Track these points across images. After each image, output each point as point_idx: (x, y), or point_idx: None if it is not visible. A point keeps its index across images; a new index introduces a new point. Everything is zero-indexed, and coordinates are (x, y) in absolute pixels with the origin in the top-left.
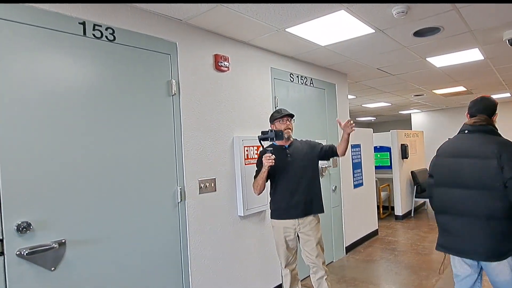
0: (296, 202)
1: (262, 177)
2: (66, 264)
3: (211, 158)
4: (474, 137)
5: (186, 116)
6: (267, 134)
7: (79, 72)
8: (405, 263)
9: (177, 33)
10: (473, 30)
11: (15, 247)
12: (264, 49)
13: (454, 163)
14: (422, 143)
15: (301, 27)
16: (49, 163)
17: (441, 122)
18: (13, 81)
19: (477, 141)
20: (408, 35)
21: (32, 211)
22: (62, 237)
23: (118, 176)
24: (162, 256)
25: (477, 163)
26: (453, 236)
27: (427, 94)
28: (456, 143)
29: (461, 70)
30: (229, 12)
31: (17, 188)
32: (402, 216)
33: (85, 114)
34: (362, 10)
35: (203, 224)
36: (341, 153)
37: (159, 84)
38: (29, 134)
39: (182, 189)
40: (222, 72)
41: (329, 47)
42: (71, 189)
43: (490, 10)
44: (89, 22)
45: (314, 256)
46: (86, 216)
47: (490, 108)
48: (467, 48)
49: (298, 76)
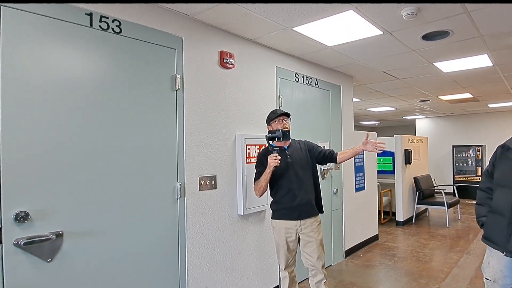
0: (298, 203)
1: (265, 179)
2: (62, 255)
3: (212, 155)
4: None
5: (189, 111)
6: (275, 133)
7: (84, 63)
8: (405, 270)
9: (184, 28)
10: (483, 35)
11: (13, 236)
12: (270, 48)
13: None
14: (426, 149)
15: (308, 26)
16: (50, 153)
17: (446, 128)
18: (17, 70)
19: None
20: (417, 38)
21: (30, 201)
22: (60, 228)
23: (118, 170)
24: (159, 252)
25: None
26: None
27: (432, 100)
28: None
29: (469, 77)
30: (236, 8)
31: (17, 177)
32: (403, 222)
33: (87, 105)
34: (371, 10)
35: (201, 222)
36: (341, 161)
37: (163, 79)
38: (31, 124)
39: (182, 185)
40: (227, 69)
41: (336, 47)
42: (71, 180)
43: (502, 15)
44: (96, 13)
45: (314, 258)
46: (84, 208)
47: None
48: (476, 54)
49: (303, 77)
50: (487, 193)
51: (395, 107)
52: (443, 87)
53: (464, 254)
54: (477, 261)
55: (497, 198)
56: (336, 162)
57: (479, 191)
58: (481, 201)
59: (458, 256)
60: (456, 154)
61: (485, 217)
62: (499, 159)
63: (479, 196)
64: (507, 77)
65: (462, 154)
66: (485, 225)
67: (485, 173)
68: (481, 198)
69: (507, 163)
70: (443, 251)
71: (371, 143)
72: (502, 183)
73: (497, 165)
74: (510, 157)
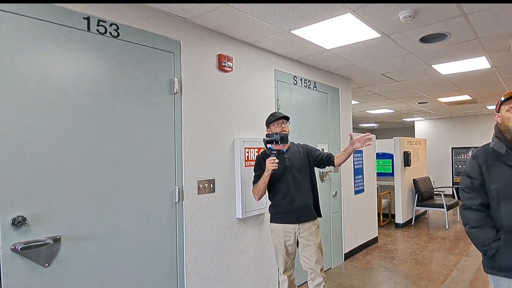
0: (296, 206)
1: (264, 182)
2: (60, 260)
3: (211, 159)
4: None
5: (187, 115)
6: (273, 137)
7: (82, 67)
8: (404, 273)
9: (182, 32)
10: (481, 38)
11: (10, 241)
12: (269, 51)
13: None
14: (425, 151)
15: (306, 29)
16: (47, 158)
17: (445, 130)
18: (14, 74)
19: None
20: (415, 40)
21: (28, 206)
22: (57, 233)
23: (116, 173)
24: (157, 256)
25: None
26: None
27: (431, 102)
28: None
29: (467, 79)
30: (234, 12)
31: (14, 181)
32: (402, 225)
33: (84, 109)
34: (369, 13)
35: (200, 226)
36: (338, 164)
37: (161, 82)
38: (29, 128)
39: (180, 189)
40: (225, 72)
41: (334, 50)
42: (68, 185)
43: (499, 18)
44: (93, 17)
45: (313, 262)
46: (82, 212)
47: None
48: (474, 56)
49: (302, 79)
50: (482, 211)
51: (393, 109)
52: (442, 89)
53: (463, 256)
54: (476, 263)
55: (506, 213)
56: (334, 165)
57: (469, 212)
58: (478, 224)
59: (457, 258)
60: (455, 156)
61: (498, 240)
62: (489, 167)
63: (471, 218)
64: (505, 78)
65: (461, 156)
66: (500, 252)
67: (470, 187)
68: (476, 219)
69: (505, 170)
70: (443, 253)
71: (358, 140)
72: (506, 195)
73: (490, 175)
74: (506, 161)
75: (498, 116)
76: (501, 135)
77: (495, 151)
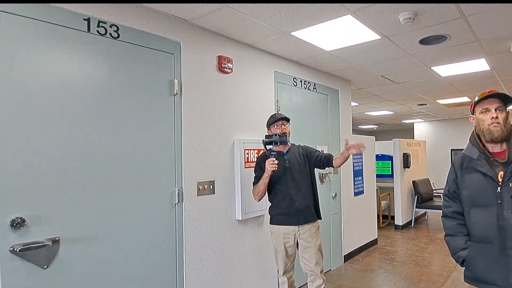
0: (296, 208)
1: (264, 183)
2: (59, 262)
3: (210, 160)
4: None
5: (187, 116)
6: (272, 138)
7: (81, 68)
8: (404, 274)
9: (182, 33)
10: (480, 40)
11: (9, 243)
12: (268, 52)
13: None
14: (425, 153)
15: (306, 31)
16: (46, 159)
17: (444, 132)
18: (13, 75)
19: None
20: (414, 42)
21: (27, 207)
22: (56, 234)
23: (116, 175)
24: (156, 258)
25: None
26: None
27: (430, 104)
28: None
29: (466, 81)
30: (234, 13)
31: (13, 183)
32: (402, 226)
33: (84, 111)
34: (369, 15)
35: (200, 227)
36: (337, 166)
37: (161, 83)
38: (28, 129)
39: (180, 190)
40: (225, 73)
41: (333, 52)
42: (68, 186)
43: (498, 20)
44: (93, 18)
45: (313, 263)
46: (81, 214)
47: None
48: (473, 58)
49: (302, 81)
50: (456, 218)
51: (393, 111)
52: (441, 91)
53: None
54: None
55: (475, 222)
56: (333, 166)
57: (445, 219)
58: (452, 231)
59: None
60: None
61: (466, 249)
62: (462, 174)
63: (447, 225)
64: (504, 81)
65: None
66: (469, 261)
67: (447, 195)
68: (450, 227)
69: (475, 176)
70: (442, 255)
71: (354, 146)
72: (476, 202)
73: (462, 182)
74: (478, 168)
75: (472, 118)
76: (474, 139)
77: (469, 157)
